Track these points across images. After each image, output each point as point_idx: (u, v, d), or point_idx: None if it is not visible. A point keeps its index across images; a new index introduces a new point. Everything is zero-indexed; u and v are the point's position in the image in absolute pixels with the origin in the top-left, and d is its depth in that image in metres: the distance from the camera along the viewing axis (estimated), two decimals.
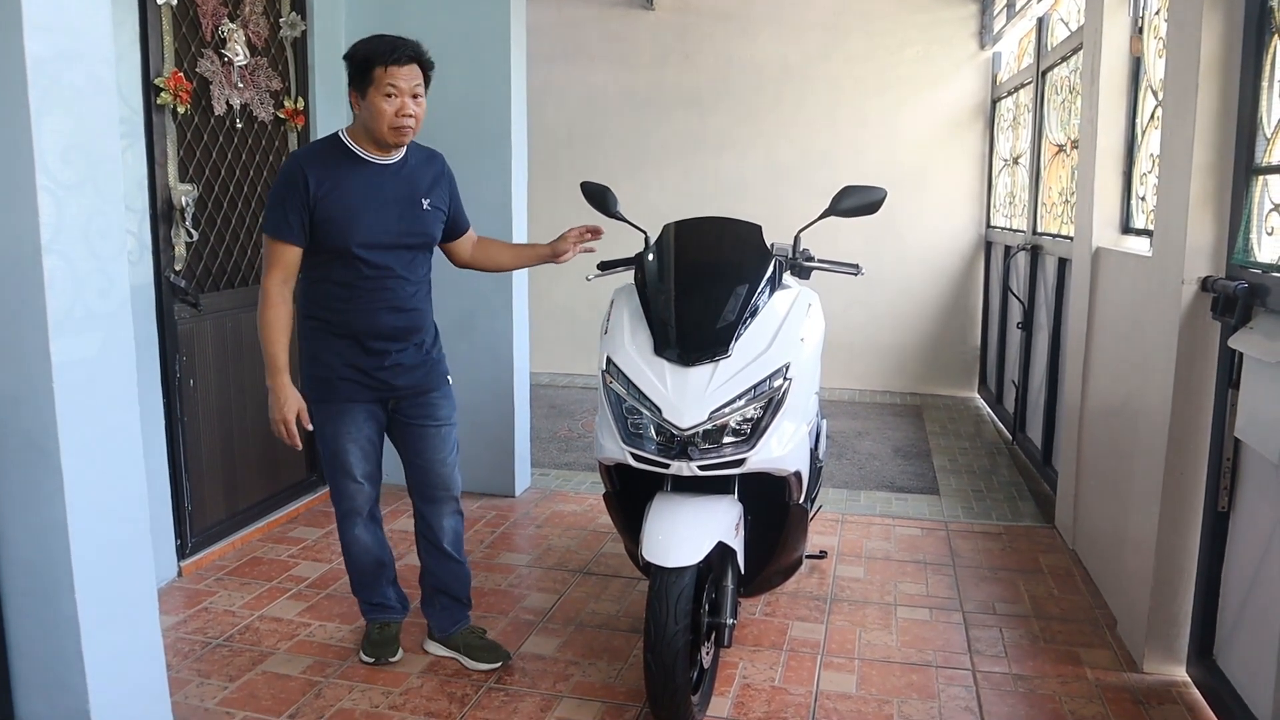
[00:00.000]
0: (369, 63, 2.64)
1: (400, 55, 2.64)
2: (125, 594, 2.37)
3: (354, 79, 2.70)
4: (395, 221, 2.77)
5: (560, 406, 6.78)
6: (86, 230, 2.21)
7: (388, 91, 2.64)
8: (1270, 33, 2.55)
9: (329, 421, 2.86)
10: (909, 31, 7.06)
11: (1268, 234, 2.56)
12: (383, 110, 2.65)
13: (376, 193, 2.75)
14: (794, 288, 3.02)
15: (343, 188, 2.70)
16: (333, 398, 2.84)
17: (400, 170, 2.81)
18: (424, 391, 2.94)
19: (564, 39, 7.57)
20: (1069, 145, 4.82)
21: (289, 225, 2.68)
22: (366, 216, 2.72)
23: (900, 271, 7.22)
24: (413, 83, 2.68)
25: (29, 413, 2.15)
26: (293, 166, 2.71)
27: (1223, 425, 2.71)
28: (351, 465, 2.90)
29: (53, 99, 2.10)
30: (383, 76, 2.63)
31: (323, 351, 2.82)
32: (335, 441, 2.88)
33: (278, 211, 2.69)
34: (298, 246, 2.71)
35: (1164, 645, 2.99)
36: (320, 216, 2.68)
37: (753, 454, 2.59)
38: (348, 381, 2.82)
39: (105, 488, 2.29)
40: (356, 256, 2.72)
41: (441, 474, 3.00)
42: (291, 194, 2.67)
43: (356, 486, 2.94)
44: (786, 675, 3.02)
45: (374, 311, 2.78)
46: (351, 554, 3.06)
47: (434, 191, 2.88)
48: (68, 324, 2.16)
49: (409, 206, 2.80)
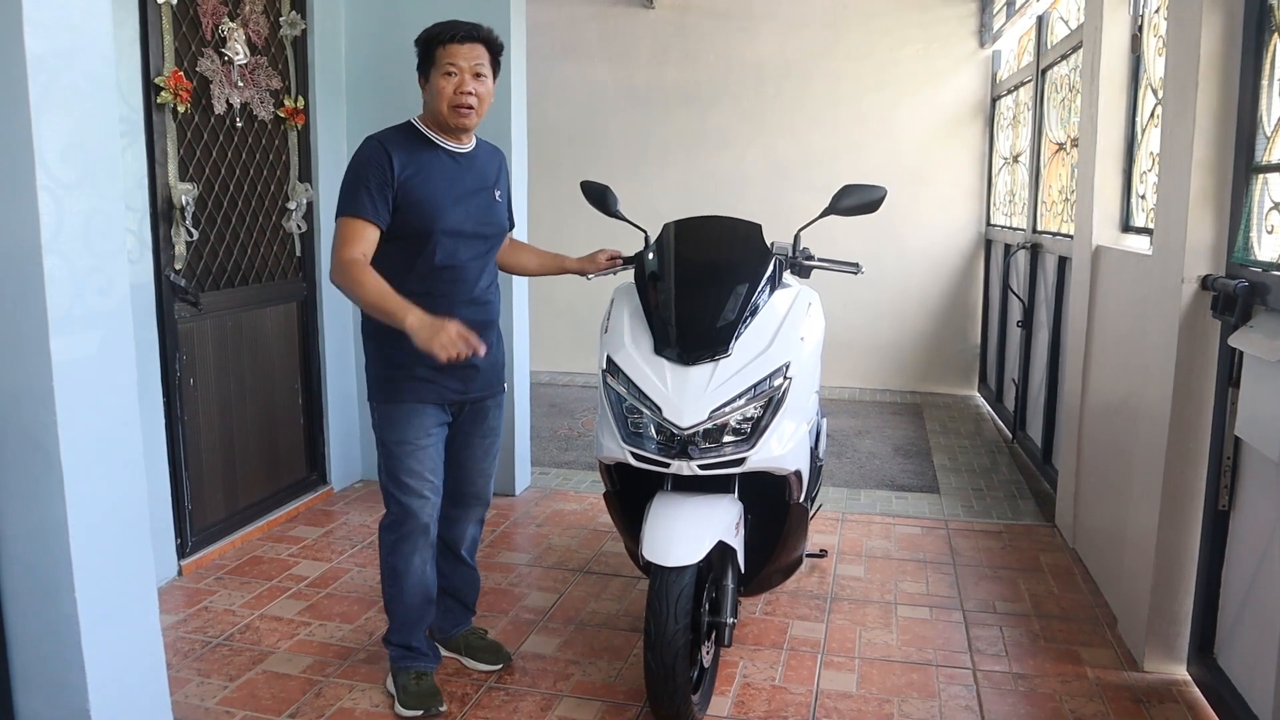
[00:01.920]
0: (430, 43, 2.62)
1: (459, 33, 2.59)
2: (125, 593, 2.37)
3: (420, 63, 2.67)
4: (475, 210, 2.72)
5: (560, 405, 6.78)
6: (86, 229, 2.21)
7: (447, 70, 2.59)
8: (1270, 31, 2.55)
9: (398, 425, 2.69)
10: (909, 30, 7.06)
11: (1268, 232, 2.56)
12: (442, 89, 2.60)
13: (457, 180, 2.69)
14: (794, 287, 3.02)
15: (426, 172, 2.63)
16: (404, 398, 2.68)
17: (474, 160, 2.77)
18: (487, 397, 2.87)
19: (564, 37, 7.57)
20: (1069, 143, 4.82)
21: (372, 203, 2.56)
22: (451, 202, 2.66)
23: (900, 270, 7.23)
24: (474, 61, 2.61)
25: (29, 411, 2.15)
26: (373, 147, 2.61)
27: (1223, 423, 2.71)
28: (424, 475, 2.71)
29: (52, 98, 2.10)
30: (442, 55, 2.59)
31: (391, 349, 2.66)
32: (404, 448, 2.69)
33: (359, 190, 2.57)
34: (379, 227, 2.59)
35: (1164, 644, 2.99)
36: (406, 200, 2.59)
37: (753, 453, 2.59)
38: (423, 382, 2.68)
39: (105, 486, 2.28)
40: (439, 244, 2.64)
41: (479, 483, 2.95)
42: (375, 173, 2.56)
43: (422, 502, 2.72)
44: (787, 674, 3.02)
45: (453, 305, 2.65)
46: (405, 587, 2.78)
47: (500, 183, 2.86)
48: (68, 323, 2.16)
49: (485, 197, 2.77)
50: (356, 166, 2.61)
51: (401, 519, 2.73)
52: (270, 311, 4.18)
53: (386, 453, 2.72)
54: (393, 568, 2.78)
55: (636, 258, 3.05)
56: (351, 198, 2.58)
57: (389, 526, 2.77)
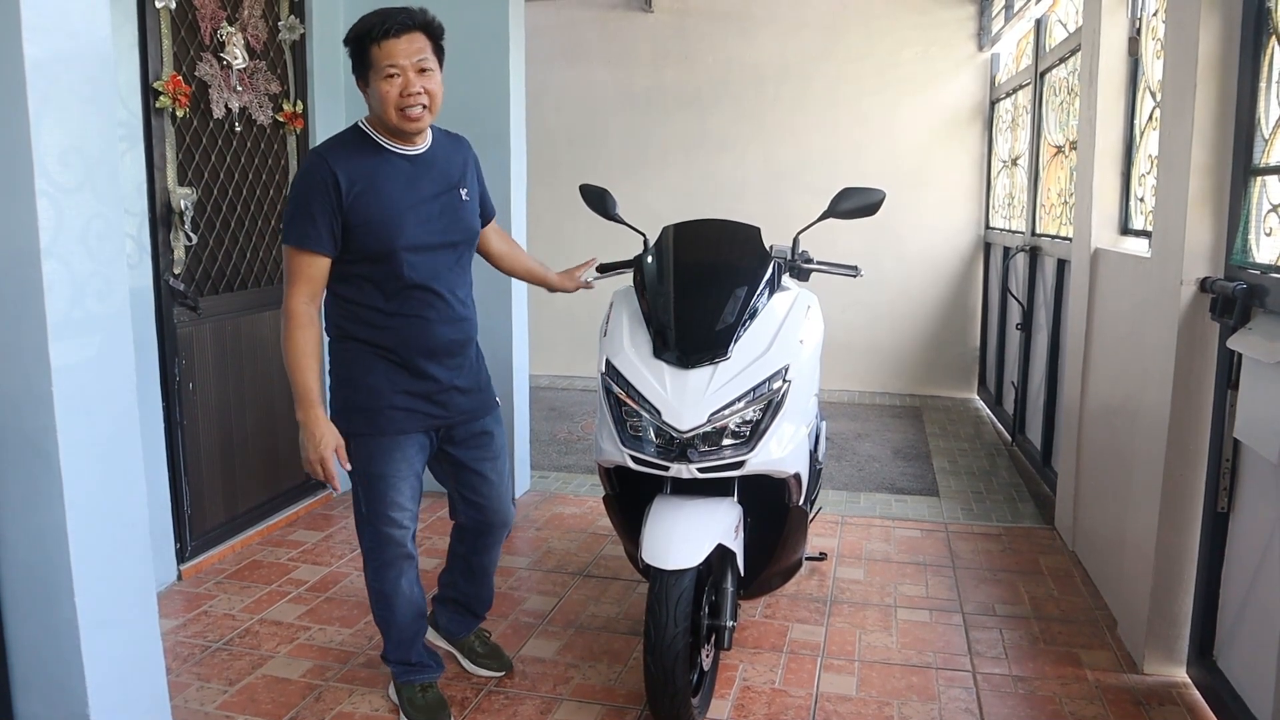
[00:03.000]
0: (361, 42, 2.33)
1: (392, 25, 2.30)
2: (125, 597, 2.37)
3: (355, 64, 2.38)
4: (438, 218, 2.47)
5: (560, 409, 6.78)
6: (85, 233, 2.21)
7: (388, 72, 2.31)
8: (1268, 34, 2.55)
9: (375, 459, 2.50)
10: (907, 32, 7.07)
11: (1266, 234, 2.56)
12: (385, 94, 2.33)
13: (413, 187, 2.44)
14: (793, 289, 3.02)
15: (378, 185, 2.38)
16: (380, 429, 2.48)
17: (432, 160, 2.51)
18: (478, 418, 2.68)
19: (563, 41, 7.58)
20: (1068, 146, 4.83)
21: (317, 233, 2.34)
22: (409, 215, 2.41)
23: (899, 273, 7.23)
24: (416, 56, 2.33)
25: (28, 415, 2.15)
26: (317, 165, 2.36)
27: (1222, 426, 2.71)
28: (405, 506, 2.55)
29: (51, 102, 2.10)
30: (379, 55, 2.31)
31: (364, 376, 2.48)
32: (383, 482, 2.51)
33: (302, 218, 2.34)
34: (327, 257, 2.38)
35: (1164, 646, 2.99)
36: (357, 220, 2.36)
37: (752, 456, 2.59)
38: (398, 410, 2.49)
39: (105, 491, 2.28)
40: (401, 262, 2.41)
41: (501, 510, 2.79)
42: (319, 196, 2.33)
43: (404, 532, 2.57)
44: (787, 677, 3.02)
45: (424, 325, 2.47)
46: (394, 609, 2.66)
47: (467, 179, 2.60)
48: (67, 327, 2.16)
49: (449, 200, 2.51)
50: (299, 190, 2.37)
51: (382, 546, 2.59)
52: (269, 316, 4.18)
53: (366, 487, 2.53)
54: (379, 591, 2.65)
55: (635, 261, 3.05)
56: (296, 225, 2.36)
57: (370, 552, 2.62)
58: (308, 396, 2.37)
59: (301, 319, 2.38)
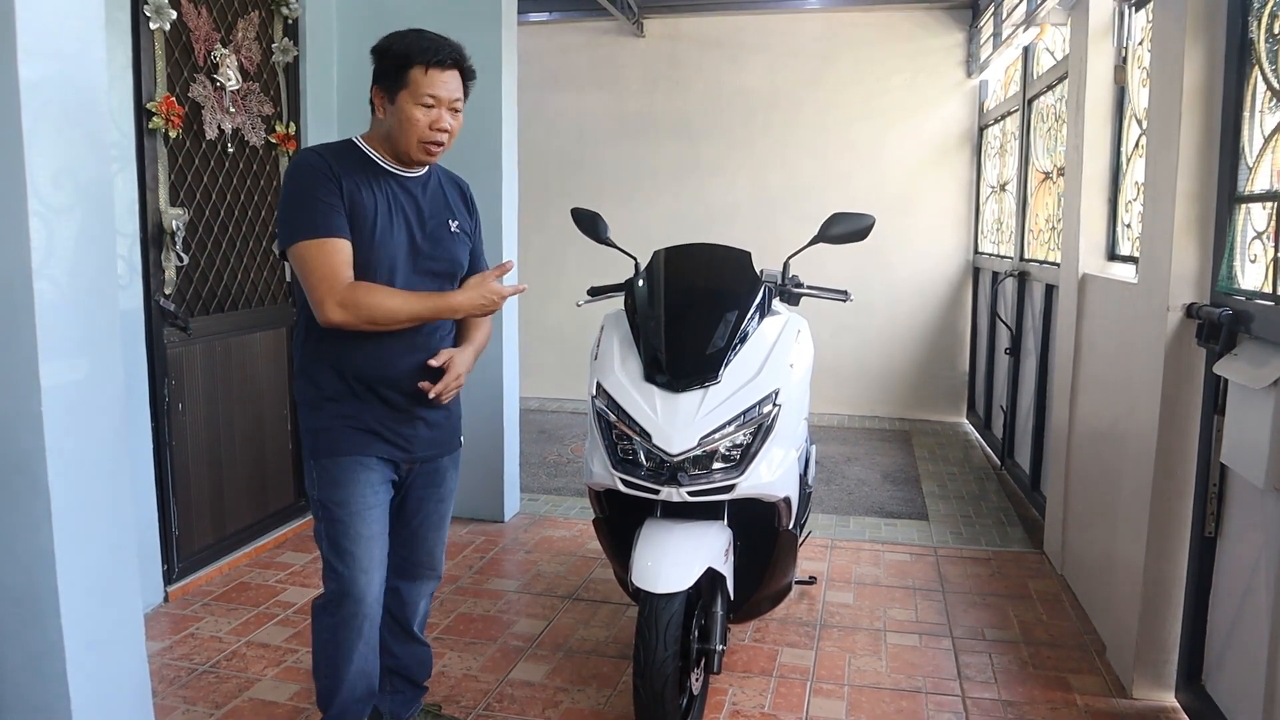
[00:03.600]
0: (406, 60, 2.19)
1: (445, 57, 2.20)
2: (111, 619, 2.35)
3: (384, 77, 2.23)
4: (421, 243, 2.32)
5: (550, 431, 6.77)
6: (77, 254, 2.21)
7: (426, 101, 2.20)
8: (1251, 63, 2.59)
9: (340, 484, 2.29)
10: (897, 60, 7.13)
11: (1251, 261, 2.59)
12: (415, 120, 2.21)
13: (400, 208, 2.29)
14: (783, 314, 3.03)
15: (366, 197, 2.23)
16: (338, 450, 2.29)
17: (425, 185, 2.37)
18: (439, 456, 2.49)
19: (554, 66, 7.63)
20: (1055, 172, 4.87)
21: (339, 217, 2.17)
22: (392, 235, 2.26)
23: (888, 297, 7.26)
24: (453, 94, 2.24)
25: (17, 437, 2.15)
26: (314, 160, 2.21)
27: (1209, 451, 2.73)
28: (371, 542, 2.31)
29: (45, 124, 2.11)
30: (421, 81, 2.19)
31: (331, 399, 2.30)
32: (346, 510, 2.29)
33: (314, 206, 2.16)
34: (349, 242, 2.19)
35: (1153, 671, 3.00)
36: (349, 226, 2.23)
37: (742, 480, 2.59)
38: (360, 432, 2.30)
39: (93, 512, 2.28)
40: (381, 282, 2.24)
41: (434, 552, 2.59)
42: (324, 184, 2.17)
43: (368, 578, 2.32)
44: (776, 701, 3.01)
45: (395, 354, 2.29)
46: (344, 678, 2.37)
47: (460, 215, 2.45)
48: (57, 348, 2.16)
49: (436, 228, 2.36)
50: (300, 183, 2.20)
51: (341, 598, 2.31)
52: (260, 336, 4.18)
53: (327, 516, 2.30)
54: (331, 657, 2.35)
55: (627, 284, 3.06)
56: (308, 216, 2.17)
57: (326, 607, 2.35)
58: (437, 302, 2.27)
59: (356, 289, 2.17)
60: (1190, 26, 2.71)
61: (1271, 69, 2.47)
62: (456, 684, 3.09)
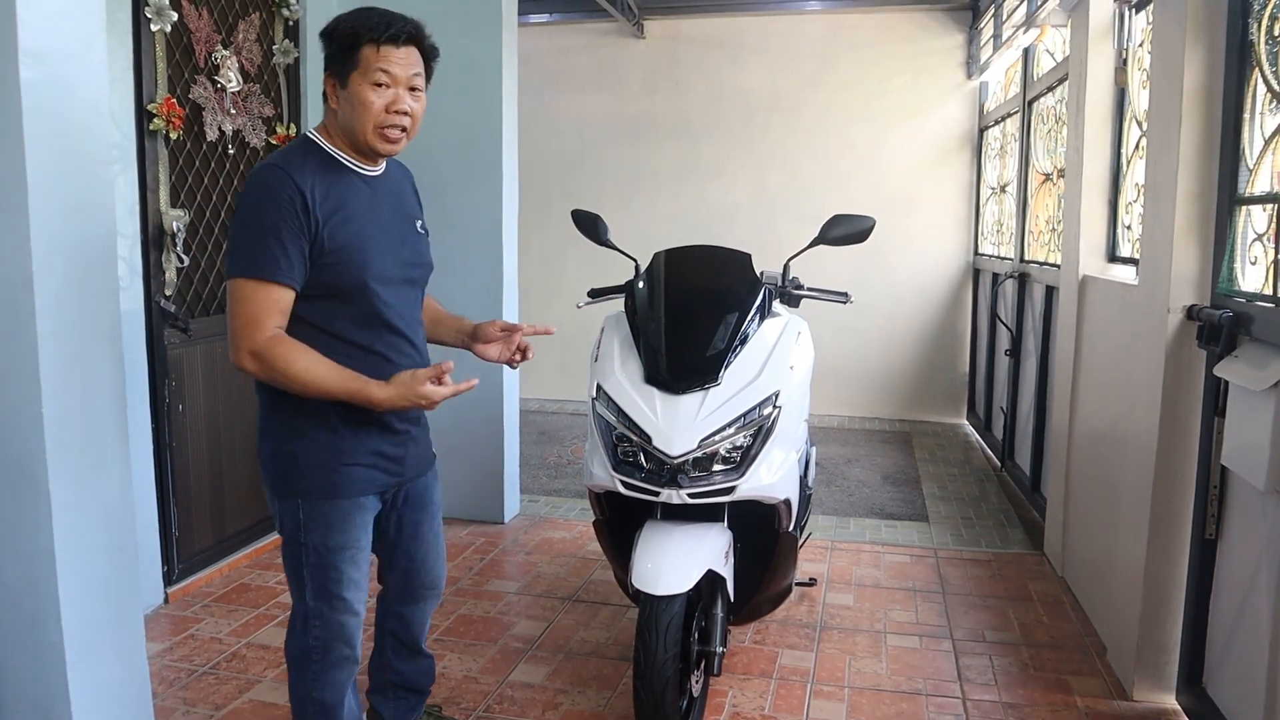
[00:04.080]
0: (355, 39, 1.99)
1: (398, 31, 2.00)
2: (111, 621, 2.36)
3: (333, 60, 2.03)
4: (399, 248, 2.15)
5: (550, 433, 6.77)
6: (78, 255, 2.21)
7: (378, 79, 2.00)
8: (1251, 65, 2.59)
9: (338, 528, 2.11)
10: (897, 61, 7.13)
11: (1251, 263, 2.59)
12: (369, 103, 2.00)
13: (376, 212, 2.11)
14: (783, 316, 3.03)
15: (348, 205, 2.05)
16: (338, 492, 2.10)
17: (388, 184, 2.20)
18: (424, 473, 2.35)
19: (555, 67, 7.63)
20: (1055, 174, 4.87)
21: (287, 261, 1.94)
22: (376, 243, 2.08)
23: (889, 299, 7.26)
24: (411, 71, 2.04)
25: (17, 438, 2.15)
26: (277, 178, 1.97)
27: (1209, 453, 2.73)
28: (359, 585, 2.17)
29: (46, 125, 2.11)
30: (373, 59, 1.99)
31: (321, 429, 2.07)
32: (340, 555, 2.12)
33: (265, 240, 1.94)
34: (295, 290, 1.99)
35: (1153, 673, 3.00)
36: (330, 246, 2.00)
37: (742, 481, 2.59)
38: (360, 467, 2.12)
39: (93, 514, 2.28)
40: (374, 296, 2.07)
41: (435, 571, 2.45)
42: (284, 215, 1.94)
43: (357, 621, 2.18)
44: (776, 704, 3.01)
45: (390, 371, 2.08)
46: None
47: (418, 210, 2.31)
48: (58, 349, 2.16)
49: (408, 229, 2.21)
50: (257, 206, 1.97)
51: (331, 643, 2.16)
52: None
53: (318, 562, 2.11)
54: (321, 703, 2.20)
55: (627, 286, 3.06)
56: (259, 252, 1.94)
57: (311, 655, 2.17)
58: (354, 386, 1.99)
59: (280, 348, 1.96)
60: (1190, 28, 2.71)
61: (1272, 70, 2.47)
62: (457, 686, 3.09)
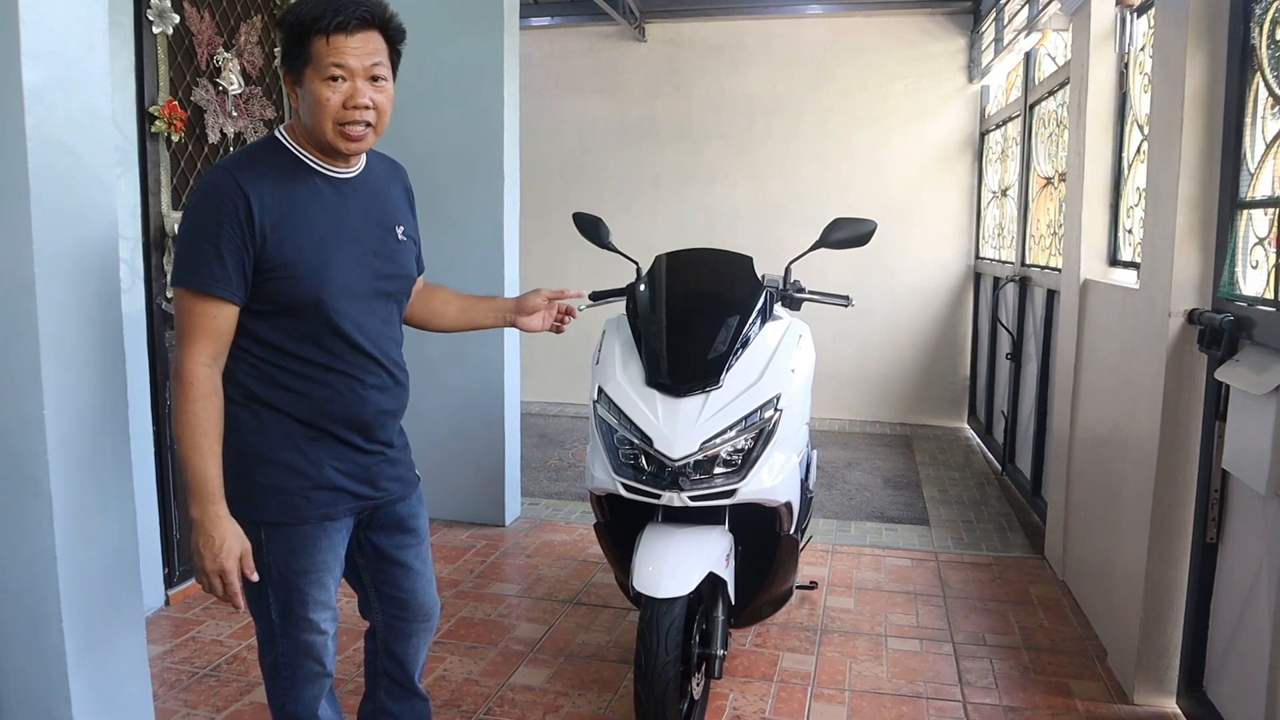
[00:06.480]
0: (302, 30, 1.81)
1: (348, 18, 1.80)
2: (113, 623, 2.35)
3: (286, 56, 1.87)
4: (370, 259, 1.97)
5: (551, 436, 6.77)
6: (79, 258, 2.21)
7: (331, 73, 1.81)
8: (1253, 70, 2.59)
9: (301, 552, 1.96)
10: (898, 65, 7.14)
11: (1252, 267, 2.59)
12: (324, 100, 1.82)
13: (342, 219, 1.94)
14: (785, 319, 3.03)
15: (302, 213, 1.88)
16: (303, 516, 1.95)
17: (364, 186, 2.01)
18: (405, 496, 2.15)
19: (556, 71, 7.63)
20: (1056, 178, 4.87)
21: (225, 274, 1.81)
22: (339, 253, 1.91)
23: (890, 302, 7.26)
24: (369, 60, 1.84)
25: (19, 441, 2.15)
26: (224, 185, 1.82)
27: (1210, 457, 2.73)
28: (326, 605, 2.03)
29: (48, 128, 2.11)
30: (324, 51, 1.80)
31: (279, 450, 1.93)
32: (304, 578, 1.97)
33: (205, 254, 1.80)
34: (235, 304, 1.84)
35: (1154, 677, 2.99)
36: (278, 259, 1.84)
37: (744, 485, 2.59)
38: (325, 491, 1.97)
39: (95, 516, 2.27)
40: (329, 313, 1.90)
41: (426, 602, 2.25)
42: (226, 225, 1.80)
43: (324, 639, 2.05)
44: (777, 707, 3.01)
45: (357, 391, 1.96)
46: None
47: (404, 216, 2.11)
48: (59, 351, 2.16)
49: (383, 237, 2.01)
50: (200, 213, 1.83)
51: (299, 660, 2.05)
52: None
53: (282, 584, 1.97)
54: (295, 717, 2.10)
55: (628, 289, 3.06)
56: (196, 263, 1.81)
57: (282, 669, 2.06)
58: (206, 489, 1.82)
59: (201, 386, 1.82)
60: (1192, 32, 2.72)
61: (1273, 75, 2.48)
62: (457, 688, 3.09)
